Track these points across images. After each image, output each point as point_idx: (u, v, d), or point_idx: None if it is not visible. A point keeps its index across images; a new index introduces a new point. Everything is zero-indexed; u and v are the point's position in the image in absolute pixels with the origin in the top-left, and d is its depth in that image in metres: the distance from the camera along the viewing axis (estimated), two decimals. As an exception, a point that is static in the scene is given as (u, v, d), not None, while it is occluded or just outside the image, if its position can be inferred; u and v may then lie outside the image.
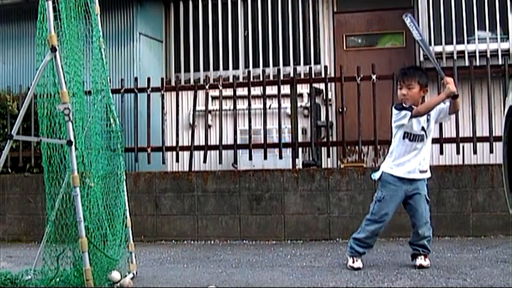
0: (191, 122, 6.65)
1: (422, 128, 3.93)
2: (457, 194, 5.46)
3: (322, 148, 6.87)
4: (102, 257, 3.49)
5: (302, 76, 7.43)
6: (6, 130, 6.70)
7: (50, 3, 3.33)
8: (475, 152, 5.75)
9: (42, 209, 5.69)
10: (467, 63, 6.43)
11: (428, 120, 3.95)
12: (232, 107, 6.51)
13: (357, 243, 3.99)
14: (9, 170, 6.58)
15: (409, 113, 3.87)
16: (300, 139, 6.42)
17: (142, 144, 6.46)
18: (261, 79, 6.33)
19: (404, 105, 3.93)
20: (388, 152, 4.13)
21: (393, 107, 4.04)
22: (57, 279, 3.43)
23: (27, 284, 3.51)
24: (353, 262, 3.97)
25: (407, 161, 3.93)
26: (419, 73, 4.01)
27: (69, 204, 3.44)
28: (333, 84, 7.31)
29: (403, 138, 3.93)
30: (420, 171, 3.94)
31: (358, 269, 3.92)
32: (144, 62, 7.78)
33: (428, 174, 4.00)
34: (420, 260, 3.90)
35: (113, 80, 7.18)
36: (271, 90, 6.68)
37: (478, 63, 6.73)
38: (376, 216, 3.96)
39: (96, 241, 3.38)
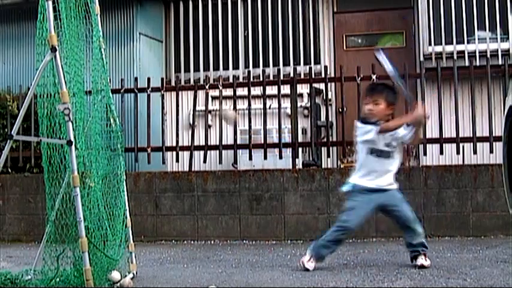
0: (191, 122, 6.65)
1: (388, 145, 3.91)
2: (457, 194, 5.46)
3: (322, 148, 6.87)
4: (102, 257, 3.49)
5: (302, 76, 7.43)
6: (6, 130, 6.70)
7: (50, 3, 3.33)
8: (475, 152, 5.75)
9: (42, 209, 5.69)
10: (467, 63, 6.43)
11: (395, 138, 3.92)
12: (232, 107, 6.51)
13: (321, 244, 4.00)
14: (9, 170, 6.58)
15: (374, 129, 3.85)
16: (300, 139, 6.43)
17: (142, 144, 6.46)
18: (261, 79, 6.33)
19: (370, 120, 3.92)
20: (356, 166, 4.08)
21: (358, 121, 4.03)
22: (57, 279, 3.43)
23: (27, 284, 3.51)
24: (308, 261, 3.97)
25: (375, 175, 3.92)
26: (387, 91, 3.99)
27: (69, 204, 3.43)
28: (333, 84, 7.31)
29: (370, 153, 3.93)
30: (389, 184, 3.96)
31: (307, 270, 3.91)
32: (144, 62, 7.78)
33: (396, 186, 3.98)
34: (421, 260, 3.89)
35: (113, 80, 7.18)
36: (271, 90, 6.68)
37: (478, 63, 6.74)
38: (346, 224, 3.95)
39: (96, 241, 3.38)
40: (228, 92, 6.58)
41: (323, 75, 6.26)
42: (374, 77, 5.84)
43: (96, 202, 3.51)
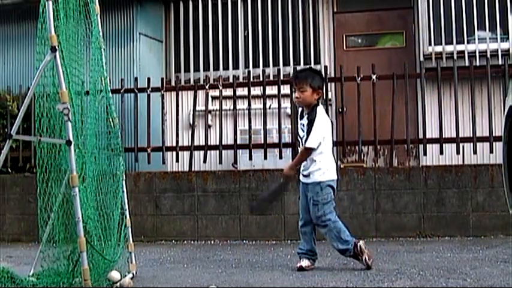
0: (191, 122, 6.65)
1: (298, 133, 4.11)
2: (457, 194, 5.46)
3: (322, 148, 6.85)
4: (99, 258, 3.49)
5: (302, 76, 7.41)
6: (6, 130, 6.69)
7: (50, 3, 3.33)
8: (475, 152, 5.75)
9: (42, 209, 5.68)
10: (467, 63, 6.42)
11: (302, 129, 4.01)
12: (232, 107, 6.51)
13: (299, 246, 4.12)
14: (9, 170, 6.58)
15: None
16: (300, 139, 6.42)
17: (142, 144, 6.46)
18: (261, 79, 6.33)
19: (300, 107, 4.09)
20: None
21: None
22: (56, 279, 3.43)
23: (27, 283, 3.50)
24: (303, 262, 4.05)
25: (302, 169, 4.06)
26: (312, 76, 4.02)
27: (66, 205, 3.44)
28: (333, 84, 7.30)
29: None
30: (303, 175, 4.02)
31: (300, 268, 3.97)
32: (144, 62, 7.78)
33: (312, 179, 3.97)
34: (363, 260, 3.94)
35: (112, 80, 7.17)
36: (271, 90, 6.67)
37: (478, 63, 6.73)
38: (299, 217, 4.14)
39: (91, 240, 3.38)
40: (228, 92, 6.58)
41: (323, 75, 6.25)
42: (374, 77, 5.84)
43: (87, 202, 3.49)
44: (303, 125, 3.98)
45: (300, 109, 4.16)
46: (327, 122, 3.98)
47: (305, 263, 3.99)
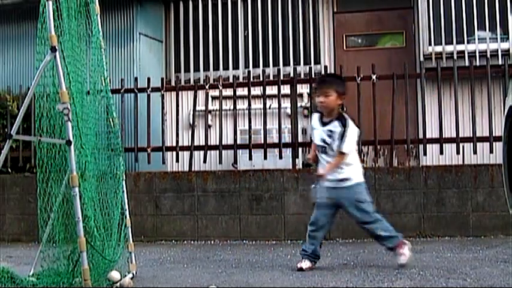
0: (191, 122, 6.65)
1: (323, 141, 4.01)
2: (457, 194, 5.46)
3: (322, 148, 6.86)
4: (99, 258, 3.49)
5: (302, 76, 7.42)
6: (6, 130, 6.69)
7: (50, 3, 3.33)
8: (475, 152, 5.75)
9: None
10: (467, 63, 6.43)
11: (329, 135, 3.98)
12: (232, 107, 6.51)
13: (304, 245, 4.11)
14: (9, 170, 6.58)
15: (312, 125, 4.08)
16: (300, 139, 6.42)
17: (142, 144, 6.46)
18: (261, 79, 6.33)
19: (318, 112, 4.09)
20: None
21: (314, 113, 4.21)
22: (56, 279, 3.43)
23: (27, 283, 3.50)
24: (301, 260, 4.05)
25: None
26: (337, 82, 4.12)
27: (66, 205, 3.44)
28: (333, 84, 7.29)
29: (316, 149, 4.10)
30: (338, 180, 3.99)
31: (300, 269, 3.96)
32: (144, 62, 7.78)
33: (352, 182, 4.00)
34: (399, 253, 3.97)
35: (112, 80, 7.17)
36: (271, 90, 6.68)
37: (478, 63, 6.73)
38: (312, 220, 4.11)
39: (91, 240, 3.38)
40: (228, 92, 6.58)
41: (323, 75, 6.26)
42: (374, 77, 5.84)
43: (87, 202, 3.49)
44: (332, 131, 3.97)
45: (315, 115, 4.12)
46: (356, 128, 4.09)
47: (306, 264, 3.99)
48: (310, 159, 4.27)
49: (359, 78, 5.88)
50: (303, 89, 7.41)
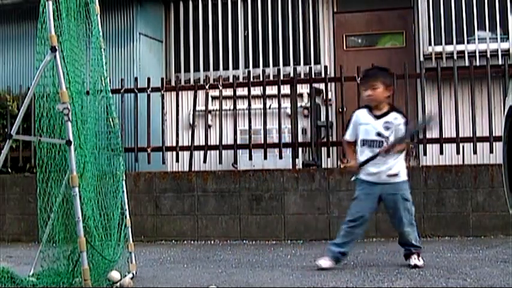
0: (191, 122, 6.65)
1: (379, 134, 3.92)
2: (457, 194, 5.46)
3: (322, 148, 6.86)
4: (99, 258, 3.49)
5: (302, 76, 7.42)
6: (6, 130, 6.69)
7: (50, 3, 3.33)
8: (475, 152, 5.75)
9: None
10: (467, 63, 6.42)
11: (387, 128, 3.92)
12: (232, 107, 6.51)
13: (334, 242, 4.03)
14: (9, 170, 6.58)
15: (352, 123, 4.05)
16: (300, 139, 6.42)
17: (142, 144, 6.46)
18: (261, 79, 6.33)
19: (367, 106, 4.03)
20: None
21: (358, 109, 4.18)
22: (56, 279, 3.43)
23: (27, 283, 3.50)
24: (325, 262, 3.97)
25: (372, 167, 3.93)
26: (382, 73, 4.05)
27: (65, 205, 3.44)
28: (333, 84, 7.30)
29: (361, 145, 3.99)
30: (388, 176, 3.93)
31: (322, 268, 3.91)
32: (144, 62, 7.78)
33: (401, 178, 3.97)
34: (414, 260, 3.93)
35: (112, 80, 7.17)
36: (271, 90, 6.68)
37: (478, 63, 6.73)
38: (351, 216, 3.98)
39: (91, 240, 3.38)
40: (228, 92, 6.58)
41: (323, 75, 6.26)
42: (374, 77, 5.83)
43: (87, 202, 3.49)
44: (389, 123, 3.91)
45: (362, 111, 4.06)
46: None
47: (328, 263, 3.95)
48: (350, 163, 4.09)
49: (359, 78, 5.88)
50: (303, 89, 7.41)
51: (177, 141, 6.36)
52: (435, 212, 5.46)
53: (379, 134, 3.91)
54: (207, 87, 6.36)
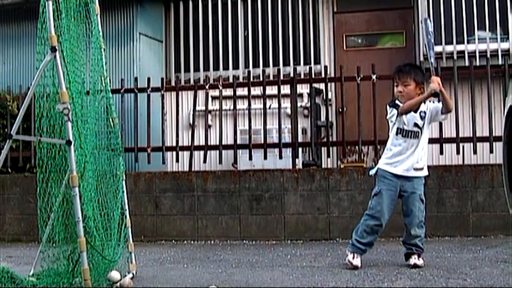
0: (191, 122, 6.65)
1: (416, 125, 3.93)
2: (457, 194, 5.46)
3: (322, 148, 6.87)
4: (99, 258, 3.48)
5: (302, 76, 7.42)
6: (6, 130, 6.70)
7: (50, 3, 3.33)
8: (475, 152, 5.75)
9: (42, 209, 5.69)
10: (467, 63, 6.43)
11: (422, 117, 3.95)
12: (232, 107, 6.51)
13: (356, 238, 3.99)
14: (9, 170, 6.58)
15: (396, 112, 3.92)
16: (300, 139, 6.42)
17: (142, 144, 6.46)
18: (261, 79, 6.33)
19: (397, 102, 3.98)
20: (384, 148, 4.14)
21: (387, 104, 4.08)
22: (56, 279, 3.43)
23: (27, 283, 3.50)
24: (353, 258, 3.96)
25: (402, 158, 3.94)
26: (415, 70, 4.05)
27: (65, 205, 3.44)
28: (333, 84, 7.31)
29: (397, 134, 3.97)
30: (415, 169, 3.94)
31: (356, 267, 3.91)
32: (144, 62, 7.78)
33: (424, 172, 4.01)
34: (414, 260, 3.93)
35: (112, 80, 7.18)
36: (271, 90, 6.68)
37: (478, 63, 6.73)
38: (373, 211, 3.96)
39: (91, 240, 3.38)
40: (228, 92, 6.58)
41: (323, 75, 6.26)
42: (374, 77, 5.84)
43: (87, 202, 3.49)
44: (425, 112, 3.94)
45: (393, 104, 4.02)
46: None
47: (359, 261, 3.95)
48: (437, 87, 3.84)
49: (359, 78, 5.88)
50: (303, 89, 7.41)
51: (177, 141, 6.36)
52: (435, 212, 5.46)
53: (416, 125, 3.94)
54: (207, 87, 6.36)
